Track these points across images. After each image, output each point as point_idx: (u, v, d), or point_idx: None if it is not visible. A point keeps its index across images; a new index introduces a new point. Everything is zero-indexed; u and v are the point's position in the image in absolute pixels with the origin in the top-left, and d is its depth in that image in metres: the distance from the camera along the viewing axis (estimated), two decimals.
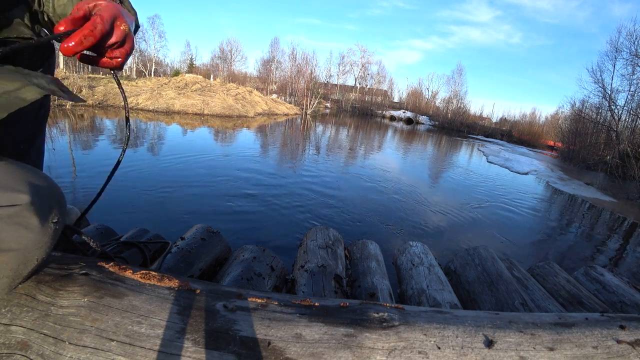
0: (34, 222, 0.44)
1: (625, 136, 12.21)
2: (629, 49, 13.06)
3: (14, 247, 0.43)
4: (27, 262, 0.45)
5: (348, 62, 39.71)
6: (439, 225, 3.32)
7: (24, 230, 0.43)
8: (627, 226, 4.86)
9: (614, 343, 0.59)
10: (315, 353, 0.52)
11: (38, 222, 0.44)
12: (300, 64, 29.21)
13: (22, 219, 0.43)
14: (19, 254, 0.44)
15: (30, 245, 0.44)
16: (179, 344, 0.50)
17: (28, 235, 0.44)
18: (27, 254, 0.45)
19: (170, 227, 2.39)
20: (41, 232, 0.45)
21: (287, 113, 17.54)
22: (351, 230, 2.82)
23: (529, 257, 2.94)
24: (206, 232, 1.23)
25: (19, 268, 0.45)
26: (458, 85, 34.76)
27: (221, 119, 11.42)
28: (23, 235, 0.43)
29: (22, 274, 0.46)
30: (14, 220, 0.42)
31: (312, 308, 0.62)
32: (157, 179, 3.47)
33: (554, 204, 5.73)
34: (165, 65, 39.39)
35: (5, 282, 0.44)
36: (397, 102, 41.04)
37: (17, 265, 0.44)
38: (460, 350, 0.55)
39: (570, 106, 17.19)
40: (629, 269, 3.15)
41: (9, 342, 0.47)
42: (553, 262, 1.64)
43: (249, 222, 2.70)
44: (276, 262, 1.16)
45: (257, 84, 30.84)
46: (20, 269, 0.45)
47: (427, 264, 1.33)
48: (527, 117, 35.63)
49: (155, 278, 0.61)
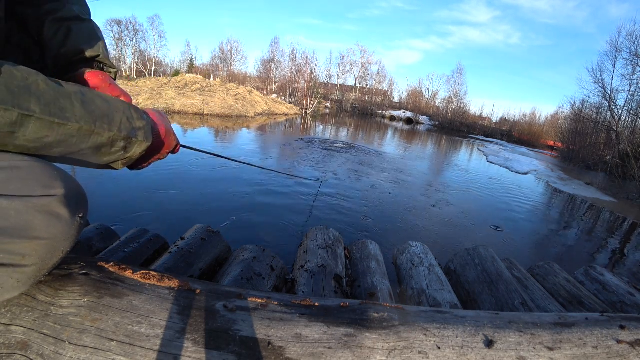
0: (64, 213, 0.47)
1: (625, 136, 12.21)
2: (629, 49, 13.06)
3: (44, 235, 0.45)
4: (54, 252, 0.48)
5: (348, 62, 39.74)
6: (437, 223, 3.32)
7: (55, 221, 0.46)
8: (627, 226, 4.86)
9: (614, 343, 0.59)
10: (315, 353, 0.52)
11: (68, 214, 0.47)
12: (300, 64, 29.24)
13: (54, 209, 0.46)
14: (48, 243, 0.46)
15: (59, 236, 0.47)
16: (179, 344, 0.50)
17: (58, 226, 0.46)
18: (55, 244, 0.47)
19: (171, 227, 2.39)
20: (69, 224, 0.48)
21: (287, 113, 17.53)
22: (355, 223, 2.82)
23: (529, 257, 2.94)
24: (206, 232, 1.23)
25: (46, 257, 0.47)
26: (458, 85, 34.78)
27: (221, 119, 11.41)
28: (53, 225, 0.46)
29: (48, 264, 0.48)
30: (46, 210, 0.45)
31: (312, 308, 0.62)
32: (157, 179, 3.47)
33: (553, 204, 5.73)
34: (165, 65, 39.44)
35: (32, 270, 0.46)
36: (397, 102, 41.00)
37: (45, 254, 0.46)
38: (460, 350, 0.55)
39: (570, 106, 17.20)
40: (629, 269, 3.15)
41: (9, 342, 0.47)
42: (553, 262, 1.63)
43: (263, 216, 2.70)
44: (276, 262, 1.16)
45: (257, 84, 30.83)
46: (47, 259, 0.47)
47: (427, 264, 1.33)
48: (527, 117, 35.62)
49: (155, 278, 0.61)
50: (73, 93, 0.46)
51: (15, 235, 0.42)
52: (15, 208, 0.42)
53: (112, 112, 0.51)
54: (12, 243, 0.42)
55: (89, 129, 0.47)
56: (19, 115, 0.39)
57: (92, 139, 0.49)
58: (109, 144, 0.52)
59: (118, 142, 0.53)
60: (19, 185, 0.43)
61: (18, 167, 0.44)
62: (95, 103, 0.49)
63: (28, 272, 0.45)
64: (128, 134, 0.54)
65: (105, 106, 0.50)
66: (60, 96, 0.44)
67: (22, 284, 0.46)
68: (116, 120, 0.51)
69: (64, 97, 0.44)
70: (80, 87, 0.48)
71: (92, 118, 0.48)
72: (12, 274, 0.44)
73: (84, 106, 0.47)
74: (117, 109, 0.52)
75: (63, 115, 0.44)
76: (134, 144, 0.56)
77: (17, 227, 0.42)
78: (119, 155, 0.56)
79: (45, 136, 0.43)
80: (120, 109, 0.53)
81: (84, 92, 0.48)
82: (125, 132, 0.53)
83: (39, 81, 0.42)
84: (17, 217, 0.42)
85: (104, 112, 0.50)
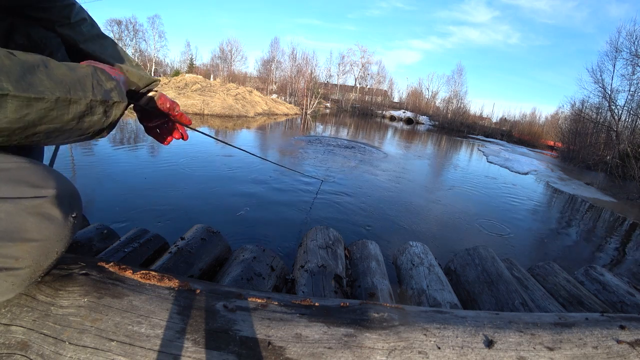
0: (56, 214, 0.46)
1: (625, 136, 12.21)
2: (629, 49, 13.03)
3: (37, 237, 0.45)
4: (48, 254, 0.47)
5: (348, 62, 39.74)
6: (437, 221, 3.33)
7: (46, 222, 0.45)
8: (627, 226, 4.86)
9: (614, 343, 0.59)
10: (315, 353, 0.52)
11: (60, 215, 0.47)
12: (300, 64, 29.24)
13: (46, 210, 0.45)
14: (41, 245, 0.46)
15: (52, 237, 0.47)
16: (179, 344, 0.50)
17: (50, 227, 0.46)
18: (49, 246, 0.47)
19: (171, 227, 2.39)
20: (62, 225, 0.48)
21: (287, 113, 17.53)
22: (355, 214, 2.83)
23: (529, 257, 2.94)
24: (206, 232, 1.23)
25: (40, 259, 0.47)
26: (458, 85, 34.73)
27: (221, 119, 11.41)
28: (46, 226, 0.45)
29: (42, 266, 0.48)
30: (38, 211, 0.44)
31: (312, 308, 0.62)
32: (157, 179, 3.47)
33: (554, 204, 5.73)
34: (165, 65, 39.42)
35: (26, 272, 0.46)
36: (397, 102, 40.98)
37: (38, 255, 0.46)
38: (460, 350, 0.55)
39: (570, 106, 17.16)
40: (629, 269, 3.15)
41: (9, 342, 0.47)
42: (553, 262, 1.63)
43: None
44: (276, 262, 1.16)
45: (257, 84, 30.82)
46: (41, 261, 0.47)
47: (427, 264, 1.33)
48: (527, 117, 35.56)
49: (155, 278, 0.61)
50: (35, 66, 0.43)
51: (6, 238, 0.42)
52: (5, 210, 0.42)
53: (81, 78, 0.49)
54: (4, 246, 0.42)
55: (65, 99, 0.46)
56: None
57: (71, 108, 0.47)
58: (89, 111, 0.50)
59: (97, 108, 0.51)
60: (8, 187, 0.43)
61: (7, 169, 0.44)
62: (61, 70, 0.47)
63: (22, 274, 0.45)
64: (103, 98, 0.52)
65: (72, 73, 0.48)
66: (25, 70, 0.42)
67: (17, 287, 0.46)
68: (87, 85, 0.50)
69: (29, 70, 0.42)
70: (42, 57, 0.45)
71: (65, 88, 0.46)
72: (6, 277, 0.44)
73: (50, 76, 0.45)
74: (85, 74, 0.51)
75: (36, 89, 0.42)
76: (111, 106, 0.54)
77: (8, 230, 0.42)
78: (102, 121, 0.54)
79: (26, 114, 0.42)
80: (88, 73, 0.51)
81: (45, 62, 0.45)
82: (99, 95, 0.51)
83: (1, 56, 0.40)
84: (8, 220, 0.42)
85: (74, 79, 0.48)
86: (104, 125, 0.55)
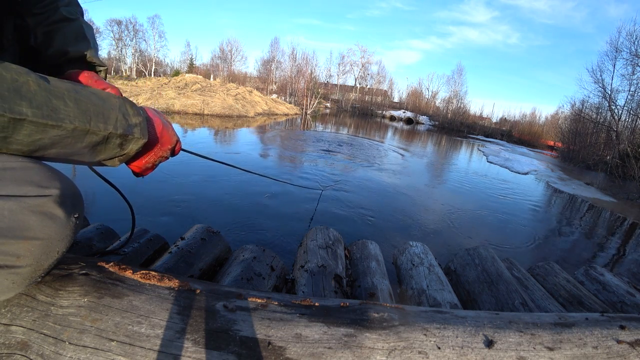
0: (59, 214, 0.47)
1: (625, 136, 12.21)
2: (629, 49, 13.04)
3: (39, 236, 0.45)
4: (49, 253, 0.48)
5: (348, 62, 39.81)
6: (437, 222, 3.33)
7: (49, 221, 0.46)
8: (627, 226, 4.86)
9: (614, 343, 0.59)
10: (315, 353, 0.52)
11: (63, 215, 0.47)
12: (300, 64, 29.22)
13: (49, 209, 0.46)
14: (43, 244, 0.46)
15: (54, 236, 0.47)
16: (179, 344, 0.50)
17: (52, 226, 0.46)
18: (51, 245, 0.47)
19: (171, 227, 2.39)
20: (64, 225, 0.48)
21: (287, 113, 17.53)
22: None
23: (529, 257, 2.94)
24: (206, 232, 1.23)
25: (41, 258, 0.47)
26: (458, 85, 34.76)
27: (221, 119, 11.41)
28: (48, 225, 0.46)
29: (43, 265, 0.48)
30: (41, 210, 0.45)
31: (312, 308, 0.62)
32: (157, 179, 3.47)
33: (554, 204, 5.73)
34: (165, 65, 39.48)
35: (27, 271, 0.46)
36: (397, 102, 40.99)
37: (40, 254, 0.46)
38: (460, 350, 0.55)
39: (570, 106, 17.18)
40: (629, 269, 3.15)
41: (9, 342, 0.47)
42: (553, 262, 1.63)
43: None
44: (276, 262, 1.16)
45: (257, 84, 30.84)
46: (42, 260, 0.47)
47: (427, 264, 1.33)
48: (527, 117, 35.59)
49: (155, 278, 0.61)
50: (66, 91, 0.45)
51: (9, 236, 0.42)
52: (9, 208, 0.42)
53: (107, 110, 0.50)
54: (7, 244, 0.42)
55: (83, 129, 0.47)
56: (10, 120, 0.39)
57: (87, 138, 0.48)
58: (104, 142, 0.51)
59: (114, 140, 0.52)
60: (13, 185, 0.43)
61: (12, 168, 0.44)
62: (90, 100, 0.48)
63: (23, 272, 0.45)
64: (124, 132, 0.53)
65: (100, 103, 0.50)
66: (52, 96, 0.43)
67: (17, 285, 0.46)
68: (112, 118, 0.51)
69: (56, 97, 0.43)
70: (74, 85, 0.47)
71: (87, 117, 0.47)
72: (7, 275, 0.44)
73: (78, 105, 0.46)
74: (113, 106, 0.52)
75: (56, 116, 0.43)
76: (130, 140, 0.55)
77: (11, 228, 0.42)
78: (115, 153, 0.55)
79: (39, 139, 0.43)
80: (115, 105, 0.52)
81: (77, 89, 0.47)
82: (121, 129, 0.52)
83: (29, 81, 0.41)
84: (11, 218, 0.42)
85: (99, 110, 0.49)
86: (117, 156, 0.56)
